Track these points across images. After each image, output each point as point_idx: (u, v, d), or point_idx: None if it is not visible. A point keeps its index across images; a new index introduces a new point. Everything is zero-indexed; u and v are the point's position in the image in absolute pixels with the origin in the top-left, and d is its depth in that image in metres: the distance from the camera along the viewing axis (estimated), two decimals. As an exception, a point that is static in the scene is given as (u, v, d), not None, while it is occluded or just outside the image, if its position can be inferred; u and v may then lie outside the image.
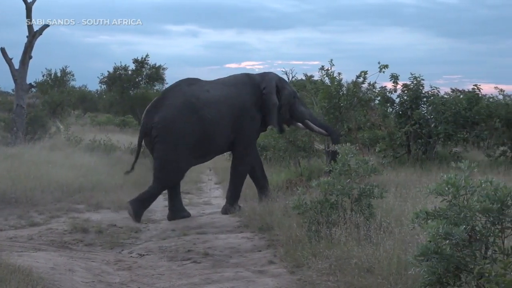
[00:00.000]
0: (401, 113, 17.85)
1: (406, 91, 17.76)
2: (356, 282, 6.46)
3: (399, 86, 17.85)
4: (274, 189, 13.17)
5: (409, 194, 10.33)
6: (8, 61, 22.17)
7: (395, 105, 18.20)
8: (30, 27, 22.46)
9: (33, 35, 22.48)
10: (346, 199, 8.69)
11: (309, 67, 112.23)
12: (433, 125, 17.18)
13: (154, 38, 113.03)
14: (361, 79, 16.14)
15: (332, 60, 16.41)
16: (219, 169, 19.37)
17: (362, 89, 16.42)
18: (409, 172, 14.35)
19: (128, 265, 8.22)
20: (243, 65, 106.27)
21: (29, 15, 22.58)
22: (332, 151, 11.65)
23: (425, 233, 5.57)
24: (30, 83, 23.32)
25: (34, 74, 56.08)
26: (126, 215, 12.03)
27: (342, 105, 15.96)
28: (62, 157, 17.04)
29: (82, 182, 14.13)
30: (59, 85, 45.11)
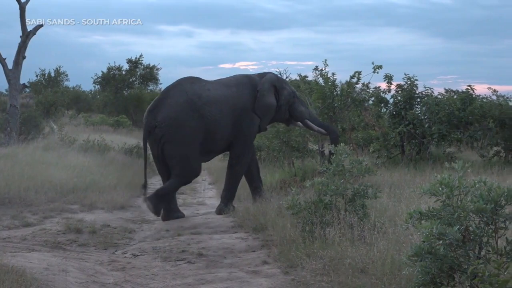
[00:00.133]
0: (395, 113, 17.88)
1: (400, 92, 17.79)
2: (350, 282, 6.46)
3: (393, 87, 17.90)
4: (268, 189, 13.18)
5: (403, 194, 10.35)
6: (1, 61, 22.08)
7: (389, 105, 18.22)
8: (23, 27, 22.41)
9: (26, 35, 22.43)
10: (340, 200, 8.71)
11: (303, 68, 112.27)
12: (427, 125, 17.20)
13: (148, 38, 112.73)
14: (355, 80, 16.18)
15: (326, 60, 16.47)
16: (213, 169, 19.36)
17: (356, 89, 16.46)
18: (403, 172, 14.38)
19: (122, 265, 8.21)
20: (237, 65, 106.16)
21: (22, 16, 22.53)
22: (330, 152, 11.65)
23: (419, 233, 5.59)
24: (24, 83, 23.28)
25: (27, 74, 56.11)
26: (120, 215, 12.03)
27: (336, 105, 15.99)
28: (56, 157, 16.98)
29: (76, 182, 14.07)
30: (53, 85, 45.08)
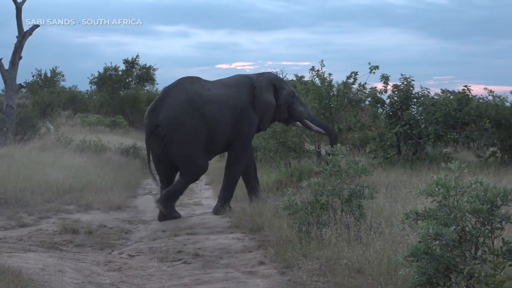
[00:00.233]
0: (391, 113, 17.86)
1: (397, 92, 17.76)
2: (346, 282, 6.46)
3: (390, 87, 17.85)
4: (264, 189, 13.18)
5: (399, 194, 10.34)
6: (-3, 61, 22.10)
7: (386, 105, 18.19)
8: (19, 27, 22.38)
9: (23, 35, 22.40)
10: (337, 200, 8.70)
11: (299, 68, 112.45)
12: (423, 125, 17.19)
13: (145, 39, 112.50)
14: (351, 80, 16.17)
15: (322, 60, 16.42)
16: (210, 169, 19.28)
17: (353, 90, 16.45)
18: (399, 172, 14.36)
19: (118, 266, 8.21)
20: (234, 65, 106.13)
21: (19, 16, 22.51)
22: (327, 153, 11.67)
23: (415, 233, 5.57)
24: (20, 84, 23.25)
25: (24, 75, 56.00)
26: (116, 216, 12.03)
27: (332, 105, 15.98)
28: (52, 157, 16.97)
29: (72, 182, 14.06)
30: (49, 85, 45.04)
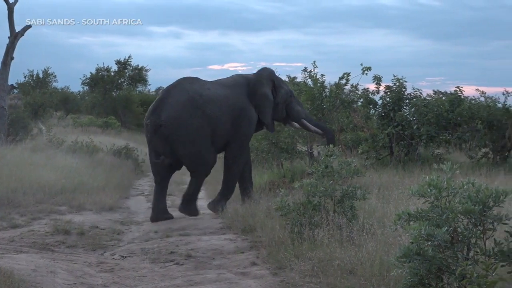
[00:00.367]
0: (383, 114, 17.88)
1: (389, 93, 17.78)
2: (338, 283, 6.47)
3: (382, 88, 17.87)
4: (257, 190, 13.17)
5: (391, 195, 10.36)
6: (-11, 62, 22.00)
7: (378, 107, 18.22)
8: (11, 28, 22.30)
9: (15, 36, 22.31)
10: (329, 201, 8.71)
11: (292, 69, 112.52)
12: (415, 126, 17.21)
13: (137, 40, 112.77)
14: (344, 81, 16.22)
15: (315, 61, 16.48)
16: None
17: (345, 91, 16.50)
18: (391, 173, 14.38)
19: (110, 267, 8.19)
20: (226, 66, 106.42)
21: (11, 16, 22.42)
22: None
23: (407, 234, 5.60)
24: (12, 84, 23.20)
25: (16, 75, 55.69)
26: (108, 217, 12.00)
27: (325, 106, 16.01)
28: (44, 158, 16.93)
29: (64, 183, 14.02)
30: (41, 86, 44.83)
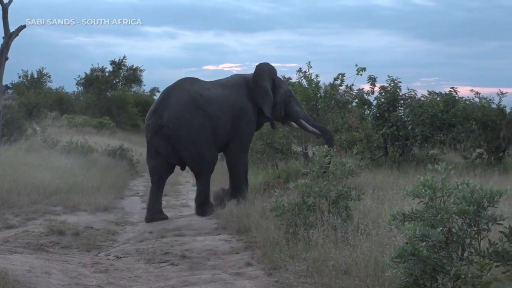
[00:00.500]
0: (378, 115, 17.91)
1: (384, 94, 17.82)
2: (333, 284, 6.47)
3: (377, 89, 17.91)
4: (251, 191, 13.16)
5: (386, 196, 10.36)
6: (-17, 62, 21.94)
7: (373, 107, 18.26)
8: (6, 28, 22.24)
9: (9, 36, 22.25)
10: (324, 201, 8.71)
11: (287, 69, 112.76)
12: (410, 127, 17.25)
13: (132, 40, 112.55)
14: (338, 82, 16.21)
15: (310, 62, 16.50)
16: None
17: (340, 91, 16.49)
18: (386, 174, 14.41)
19: (105, 267, 8.17)
20: (221, 67, 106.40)
21: (5, 16, 22.36)
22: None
23: (402, 235, 5.60)
24: (6, 85, 23.12)
25: (10, 76, 55.61)
26: (103, 217, 11.99)
27: (319, 107, 16.01)
28: (39, 159, 16.89)
29: (58, 184, 14.00)
30: (36, 86, 44.76)
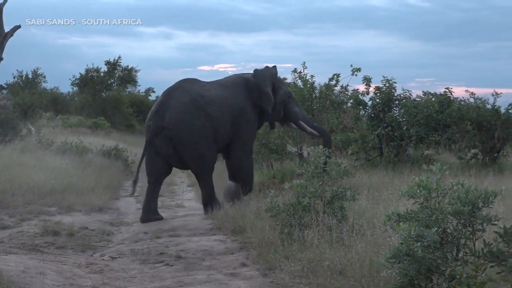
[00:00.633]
0: (373, 115, 17.91)
1: (379, 94, 17.81)
2: (328, 284, 6.46)
3: (372, 89, 17.88)
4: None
5: (381, 196, 10.36)
6: (-22, 62, 21.90)
7: (368, 107, 18.24)
8: (0, 28, 22.19)
9: (4, 36, 22.20)
10: (319, 202, 8.71)
11: (282, 70, 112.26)
12: (405, 127, 17.26)
13: (127, 40, 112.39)
14: (333, 82, 16.23)
15: (305, 62, 16.52)
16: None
17: (335, 92, 16.51)
18: (381, 174, 14.41)
19: (100, 268, 8.16)
20: (216, 67, 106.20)
21: (0, 17, 22.32)
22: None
23: (397, 235, 5.60)
24: (1, 85, 23.25)
25: (5, 76, 55.61)
26: (98, 218, 11.98)
27: (314, 107, 16.02)
28: (34, 159, 16.88)
29: (53, 184, 13.98)
30: (31, 87, 44.72)
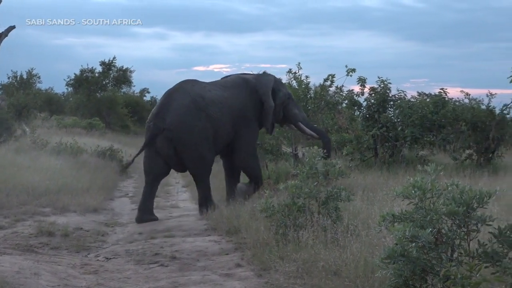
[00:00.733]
0: (368, 116, 17.91)
1: (373, 95, 17.82)
2: (323, 285, 6.47)
3: (366, 90, 17.90)
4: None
5: (376, 197, 10.37)
6: (-27, 63, 21.89)
7: (362, 108, 18.25)
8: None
9: (-2, 37, 22.20)
10: (314, 202, 8.71)
11: (277, 70, 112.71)
12: (400, 128, 17.26)
13: (122, 41, 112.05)
14: (328, 83, 16.27)
15: (299, 63, 16.57)
16: (187, 172, 19.24)
17: (330, 92, 16.53)
18: (376, 175, 14.42)
19: (94, 268, 8.15)
20: (211, 68, 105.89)
21: (-6, 16, 22.29)
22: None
23: (391, 236, 5.61)
24: (-5, 85, 23.07)
25: (-1, 76, 55.52)
26: (93, 218, 11.96)
27: (309, 108, 16.04)
28: (28, 160, 16.84)
29: (48, 185, 13.95)
30: (25, 87, 44.70)
